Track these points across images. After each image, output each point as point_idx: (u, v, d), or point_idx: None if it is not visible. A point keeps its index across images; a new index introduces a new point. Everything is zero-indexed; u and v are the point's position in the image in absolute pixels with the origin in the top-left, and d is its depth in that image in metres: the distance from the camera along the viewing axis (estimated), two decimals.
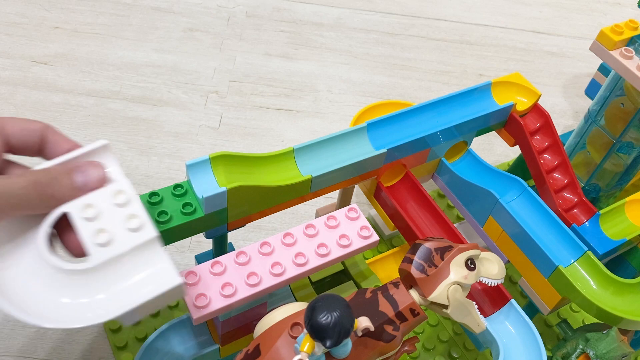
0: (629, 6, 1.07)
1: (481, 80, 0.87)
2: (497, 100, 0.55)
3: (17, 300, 0.31)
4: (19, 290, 0.31)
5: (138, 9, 0.88)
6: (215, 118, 0.75)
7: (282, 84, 0.81)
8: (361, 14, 0.95)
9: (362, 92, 0.82)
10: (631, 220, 0.55)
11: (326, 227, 0.44)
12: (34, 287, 0.31)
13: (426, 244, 0.40)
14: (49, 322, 0.30)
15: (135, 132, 0.72)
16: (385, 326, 0.38)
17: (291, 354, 0.36)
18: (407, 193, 0.54)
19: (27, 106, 0.72)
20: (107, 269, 0.32)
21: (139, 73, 0.79)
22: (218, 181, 0.43)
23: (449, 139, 0.54)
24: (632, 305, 0.46)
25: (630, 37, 0.54)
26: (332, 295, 0.35)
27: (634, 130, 0.59)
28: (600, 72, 0.73)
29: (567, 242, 0.48)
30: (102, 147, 0.35)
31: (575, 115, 0.85)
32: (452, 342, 0.56)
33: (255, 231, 0.64)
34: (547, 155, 0.57)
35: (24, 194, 0.31)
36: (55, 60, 0.78)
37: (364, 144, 0.49)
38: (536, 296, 0.50)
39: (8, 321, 0.54)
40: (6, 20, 0.82)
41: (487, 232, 0.53)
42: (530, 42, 0.96)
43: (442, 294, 0.38)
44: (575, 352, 0.48)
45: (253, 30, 0.88)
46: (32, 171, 0.33)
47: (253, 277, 0.40)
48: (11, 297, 0.31)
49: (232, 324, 0.44)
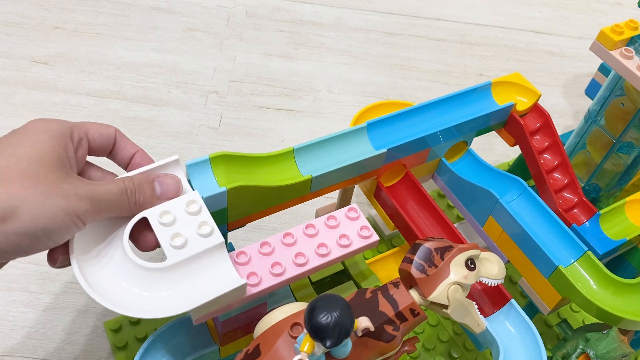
0: (629, 6, 1.07)
1: (481, 80, 0.87)
2: (497, 100, 0.55)
3: (107, 294, 0.35)
4: (109, 286, 0.35)
5: (138, 9, 0.88)
6: (215, 118, 0.75)
7: (282, 84, 0.81)
8: (361, 14, 0.95)
9: (362, 92, 0.82)
10: (631, 220, 0.55)
11: (326, 227, 0.44)
12: (121, 282, 0.36)
13: (426, 244, 0.40)
14: (133, 312, 0.34)
15: (135, 132, 0.72)
16: (385, 326, 0.38)
17: (291, 354, 0.36)
18: (407, 193, 0.54)
19: (27, 106, 0.72)
20: (182, 268, 0.36)
21: (139, 73, 0.79)
22: (218, 181, 0.43)
23: (449, 139, 0.54)
24: (632, 305, 0.46)
25: (630, 37, 0.54)
26: (332, 295, 0.35)
27: (634, 130, 0.59)
28: (600, 72, 0.73)
29: (567, 242, 0.48)
30: (174, 162, 0.40)
31: (575, 115, 0.85)
32: (452, 342, 0.56)
33: (255, 231, 0.64)
34: (547, 155, 0.57)
35: (116, 200, 0.36)
36: (55, 60, 0.78)
37: (364, 144, 0.49)
38: (536, 296, 0.50)
39: (8, 321, 0.54)
40: (6, 20, 0.82)
41: (487, 232, 0.53)
42: (530, 42, 0.96)
43: (442, 294, 0.38)
44: (575, 352, 0.48)
45: (253, 30, 0.88)
46: (120, 179, 0.37)
47: (253, 277, 0.40)
48: (102, 291, 0.35)
49: (232, 324, 0.44)
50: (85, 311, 0.55)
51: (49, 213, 0.33)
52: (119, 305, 0.35)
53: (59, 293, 0.56)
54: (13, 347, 0.53)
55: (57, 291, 0.57)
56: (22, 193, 0.32)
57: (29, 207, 0.32)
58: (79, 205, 0.34)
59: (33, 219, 0.32)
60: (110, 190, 0.36)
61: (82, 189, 0.35)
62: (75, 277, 0.35)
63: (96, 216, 0.35)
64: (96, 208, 0.35)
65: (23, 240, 0.32)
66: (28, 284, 0.57)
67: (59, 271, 0.57)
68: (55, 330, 0.54)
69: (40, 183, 0.33)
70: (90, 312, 0.55)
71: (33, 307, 0.55)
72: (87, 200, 0.35)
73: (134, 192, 0.37)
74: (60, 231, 0.34)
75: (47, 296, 0.56)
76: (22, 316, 0.55)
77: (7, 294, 0.56)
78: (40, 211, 0.32)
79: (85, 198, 0.34)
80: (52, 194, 0.33)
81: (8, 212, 0.32)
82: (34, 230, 0.32)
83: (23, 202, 0.32)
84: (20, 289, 0.56)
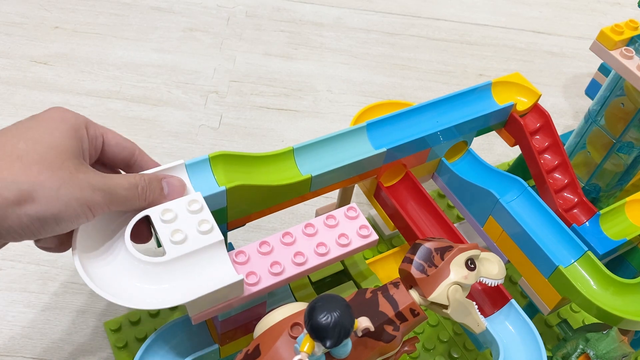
0: (629, 6, 1.07)
1: (481, 80, 0.87)
2: (497, 100, 0.55)
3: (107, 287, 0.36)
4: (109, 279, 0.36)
5: (138, 9, 0.88)
6: (215, 118, 0.75)
7: (282, 84, 0.81)
8: (361, 14, 0.95)
9: (362, 92, 0.82)
10: (631, 220, 0.55)
11: (325, 226, 0.44)
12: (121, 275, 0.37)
13: (426, 244, 0.40)
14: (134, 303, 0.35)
15: (135, 132, 0.72)
16: (385, 326, 0.38)
17: (291, 354, 0.35)
18: (407, 193, 0.54)
19: (26, 106, 0.72)
20: (181, 263, 0.37)
21: (139, 73, 0.79)
22: (217, 180, 0.43)
23: (449, 139, 0.53)
24: (632, 305, 0.46)
25: (630, 37, 0.54)
26: (332, 295, 0.35)
27: (634, 130, 0.59)
28: (601, 72, 0.73)
29: (567, 242, 0.48)
30: (179, 165, 0.42)
31: (575, 115, 0.85)
32: (452, 342, 0.56)
33: (255, 231, 0.64)
34: (547, 155, 0.57)
35: (128, 194, 0.37)
36: (55, 60, 0.78)
37: (363, 143, 0.49)
38: (536, 296, 0.50)
39: (8, 321, 0.54)
40: (6, 20, 0.82)
41: (487, 232, 0.53)
42: (530, 42, 0.96)
43: (442, 294, 0.38)
44: (575, 352, 0.48)
45: (253, 30, 0.88)
46: (131, 175, 0.38)
47: (252, 276, 0.40)
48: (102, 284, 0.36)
49: (232, 323, 0.44)
50: (85, 311, 0.55)
51: (63, 201, 0.33)
52: (118, 296, 0.35)
53: (59, 293, 0.56)
54: (13, 347, 0.53)
55: (57, 291, 0.57)
56: (40, 178, 0.33)
57: (44, 193, 0.33)
58: (92, 196, 0.35)
59: (47, 205, 0.33)
60: (122, 184, 0.37)
61: (96, 180, 0.35)
62: (75, 277, 0.36)
63: (106, 208, 0.36)
64: (108, 200, 0.36)
65: (34, 224, 0.33)
66: (28, 284, 0.57)
67: (59, 271, 0.57)
68: (55, 330, 0.54)
69: (57, 170, 0.34)
70: (90, 312, 0.55)
71: (33, 307, 0.55)
72: (100, 192, 0.35)
73: (145, 188, 0.38)
74: (70, 220, 0.34)
75: (47, 296, 0.56)
76: (22, 316, 0.55)
77: (7, 294, 0.56)
78: (55, 198, 0.33)
79: (98, 190, 0.35)
80: (68, 182, 0.34)
81: (25, 195, 0.32)
82: (45, 216, 0.33)
83: (40, 187, 0.33)
84: (20, 289, 0.56)
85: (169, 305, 0.36)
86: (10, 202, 0.32)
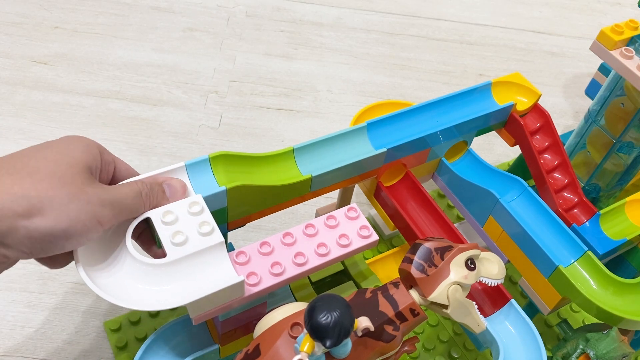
0: (629, 6, 1.07)
1: (481, 80, 0.87)
2: (497, 100, 0.55)
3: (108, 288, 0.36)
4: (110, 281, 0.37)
5: (138, 9, 0.88)
6: (215, 118, 0.75)
7: (282, 84, 0.81)
8: (361, 14, 0.95)
9: (362, 92, 0.82)
10: (631, 220, 0.55)
11: (326, 226, 0.44)
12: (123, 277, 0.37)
13: (426, 244, 0.40)
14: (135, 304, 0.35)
15: (135, 132, 0.72)
16: (385, 326, 0.38)
17: (291, 354, 0.35)
18: (407, 193, 0.54)
19: (27, 106, 0.72)
20: (182, 265, 0.37)
21: (139, 73, 0.79)
22: (218, 180, 0.43)
23: (449, 138, 0.54)
24: (632, 305, 0.46)
25: (630, 37, 0.54)
26: (332, 295, 0.35)
27: (634, 130, 0.59)
28: (601, 72, 0.73)
29: (567, 242, 0.48)
30: (179, 168, 0.42)
31: (575, 115, 0.85)
32: (452, 342, 0.56)
33: (255, 231, 0.64)
34: (547, 155, 0.57)
35: (133, 203, 0.38)
36: (55, 60, 0.78)
37: (363, 143, 0.49)
38: (536, 296, 0.50)
39: (8, 321, 0.54)
40: (6, 20, 0.82)
41: (487, 232, 0.53)
42: (530, 42, 0.96)
43: (442, 294, 0.38)
44: (575, 352, 0.48)
45: (253, 30, 0.88)
46: (133, 183, 0.39)
47: (253, 276, 0.40)
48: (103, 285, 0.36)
49: (232, 323, 0.44)
50: (85, 311, 0.55)
51: (72, 215, 0.34)
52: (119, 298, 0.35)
53: (59, 293, 0.56)
54: (13, 347, 0.53)
55: (57, 291, 0.57)
56: (50, 193, 0.33)
57: (54, 207, 0.33)
58: (101, 210, 0.35)
59: (57, 219, 0.33)
60: (128, 194, 0.37)
61: (105, 194, 0.36)
62: (75, 277, 0.36)
63: (115, 221, 0.37)
64: (117, 212, 0.36)
65: (45, 239, 0.33)
66: (28, 284, 0.57)
67: (59, 271, 0.57)
68: (55, 330, 0.54)
69: (67, 185, 0.34)
70: (90, 312, 0.55)
71: (33, 307, 0.55)
72: (109, 205, 0.36)
73: (148, 195, 0.39)
74: (79, 234, 0.34)
75: (47, 296, 0.56)
76: (22, 316, 0.55)
77: (7, 294, 0.56)
78: (65, 212, 0.33)
79: (107, 204, 0.36)
80: (77, 196, 0.34)
81: (35, 209, 0.33)
82: (55, 231, 0.33)
83: (49, 202, 0.33)
84: (20, 289, 0.56)
85: (170, 307, 0.36)
86: (21, 215, 0.32)
